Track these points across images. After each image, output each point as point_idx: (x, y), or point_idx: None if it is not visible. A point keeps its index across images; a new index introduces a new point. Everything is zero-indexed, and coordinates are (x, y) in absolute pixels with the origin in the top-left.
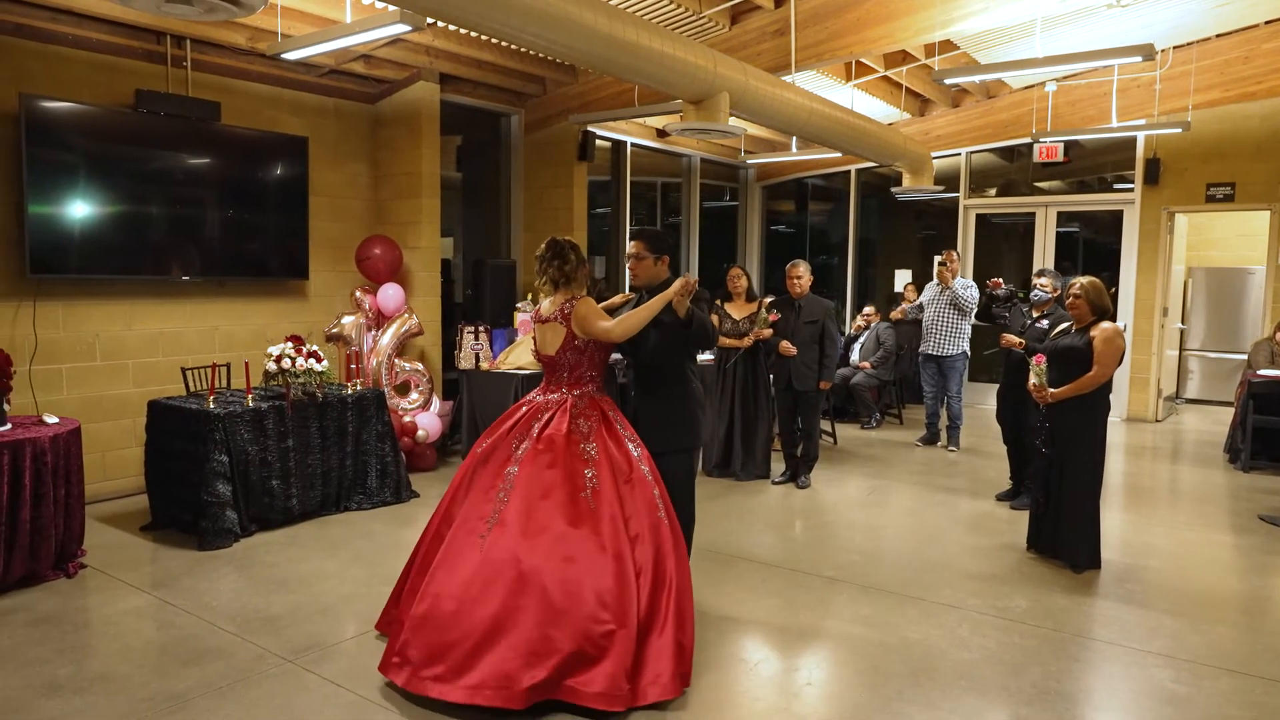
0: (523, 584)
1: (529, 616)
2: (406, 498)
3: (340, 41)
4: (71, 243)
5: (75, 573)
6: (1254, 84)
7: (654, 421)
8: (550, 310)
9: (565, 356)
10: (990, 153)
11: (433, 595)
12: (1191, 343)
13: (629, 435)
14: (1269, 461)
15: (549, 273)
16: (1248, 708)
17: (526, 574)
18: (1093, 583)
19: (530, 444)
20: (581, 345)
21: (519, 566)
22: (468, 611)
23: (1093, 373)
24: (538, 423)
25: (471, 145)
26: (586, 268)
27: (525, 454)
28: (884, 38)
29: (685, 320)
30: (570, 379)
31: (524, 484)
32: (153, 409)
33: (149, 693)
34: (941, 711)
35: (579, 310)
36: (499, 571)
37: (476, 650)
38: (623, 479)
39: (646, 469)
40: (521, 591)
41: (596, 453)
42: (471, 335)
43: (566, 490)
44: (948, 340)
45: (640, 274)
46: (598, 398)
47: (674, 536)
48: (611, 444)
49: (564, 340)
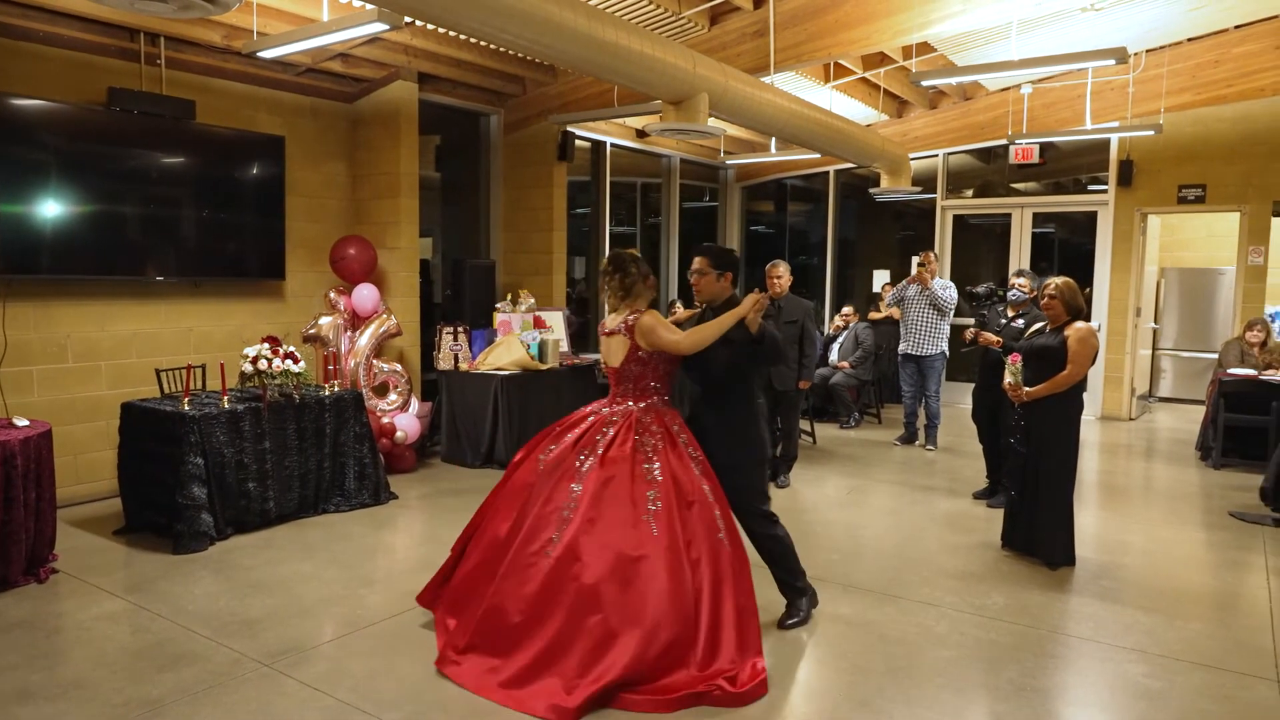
0: (583, 606)
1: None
2: (385, 499)
3: (317, 40)
4: (43, 242)
5: (46, 578)
6: (1224, 87)
7: (720, 440)
8: (614, 323)
9: (629, 368)
10: (967, 154)
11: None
12: (1164, 342)
13: (694, 453)
14: (1240, 459)
15: (610, 285)
16: (1220, 701)
17: (587, 597)
18: (1068, 580)
19: (595, 462)
20: (645, 357)
21: (579, 589)
22: (529, 629)
23: (1067, 372)
24: (603, 438)
25: (451, 145)
26: (651, 280)
27: (590, 472)
28: (862, 39)
29: (757, 337)
30: (635, 390)
31: (587, 505)
32: (127, 411)
33: (123, 699)
34: (920, 708)
35: (643, 322)
36: (561, 592)
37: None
38: (684, 502)
39: (709, 488)
40: (582, 613)
41: (660, 473)
42: (450, 336)
43: (629, 513)
44: (927, 340)
45: (704, 290)
46: (663, 410)
47: (734, 558)
48: (675, 463)
49: (628, 352)
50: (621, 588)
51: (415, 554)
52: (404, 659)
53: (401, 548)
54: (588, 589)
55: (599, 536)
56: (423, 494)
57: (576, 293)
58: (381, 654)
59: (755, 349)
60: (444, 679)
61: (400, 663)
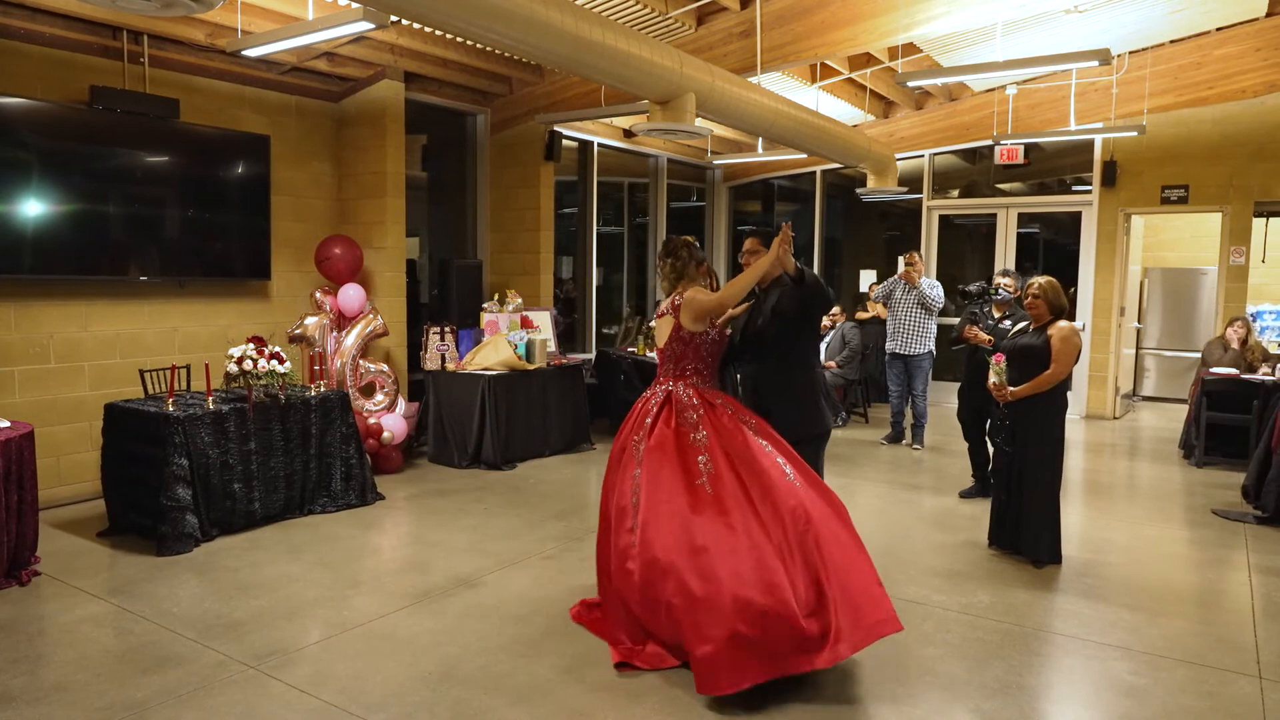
0: (662, 580)
1: (676, 612)
2: (372, 500)
3: (302, 39)
4: (24, 242)
5: (29, 580)
6: (1206, 89)
7: (784, 411)
8: (664, 305)
9: (672, 347)
10: (953, 155)
11: (613, 587)
12: (1148, 341)
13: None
14: (1222, 457)
15: (662, 270)
16: (1202, 697)
17: (665, 570)
18: (1053, 578)
19: (646, 444)
20: (686, 337)
21: (657, 565)
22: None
23: (1050, 371)
24: (649, 418)
25: (437, 144)
26: (705, 266)
27: (645, 454)
28: (848, 40)
29: (797, 276)
30: (675, 371)
31: (647, 484)
32: (110, 412)
33: (106, 702)
34: (907, 706)
35: (685, 297)
36: (648, 572)
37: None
38: (740, 460)
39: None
40: (660, 588)
41: (707, 440)
42: (437, 336)
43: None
44: (915, 339)
45: None
46: (702, 389)
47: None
48: (725, 425)
49: (671, 332)
50: (692, 555)
51: (402, 555)
52: (390, 661)
53: (388, 549)
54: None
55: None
56: (410, 495)
57: (564, 292)
58: (368, 656)
59: (801, 292)
60: (438, 680)
61: (386, 664)
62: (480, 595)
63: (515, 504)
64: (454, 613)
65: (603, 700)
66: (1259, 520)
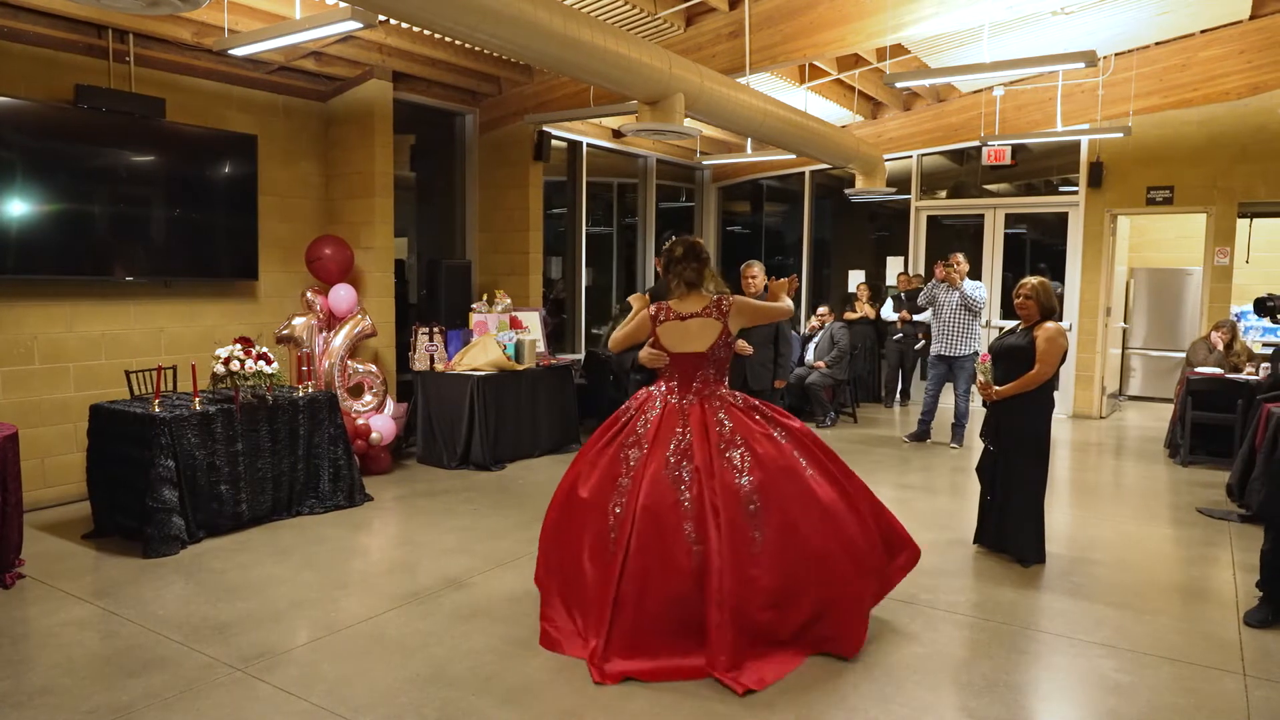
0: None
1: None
2: (360, 501)
3: (289, 38)
4: (8, 242)
5: (13, 583)
6: (1190, 91)
7: None
8: (695, 306)
9: (717, 352)
10: (941, 155)
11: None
12: (1133, 341)
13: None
14: (1207, 456)
15: (684, 273)
16: (1186, 694)
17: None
18: (1039, 576)
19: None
20: (729, 341)
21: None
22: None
23: (1035, 371)
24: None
25: (426, 144)
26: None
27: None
28: (837, 41)
29: None
30: (717, 376)
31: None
32: (95, 413)
33: (92, 705)
34: (894, 704)
35: (739, 301)
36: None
37: None
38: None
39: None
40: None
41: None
42: (426, 336)
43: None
44: (960, 341)
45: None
46: (727, 393)
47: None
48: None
49: (719, 336)
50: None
51: (390, 556)
52: (378, 662)
53: (377, 550)
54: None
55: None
56: (398, 495)
57: (553, 293)
58: (356, 657)
59: None
60: (426, 681)
61: (375, 666)
62: (469, 596)
63: (504, 505)
64: (442, 614)
65: (592, 701)
66: (1243, 519)
